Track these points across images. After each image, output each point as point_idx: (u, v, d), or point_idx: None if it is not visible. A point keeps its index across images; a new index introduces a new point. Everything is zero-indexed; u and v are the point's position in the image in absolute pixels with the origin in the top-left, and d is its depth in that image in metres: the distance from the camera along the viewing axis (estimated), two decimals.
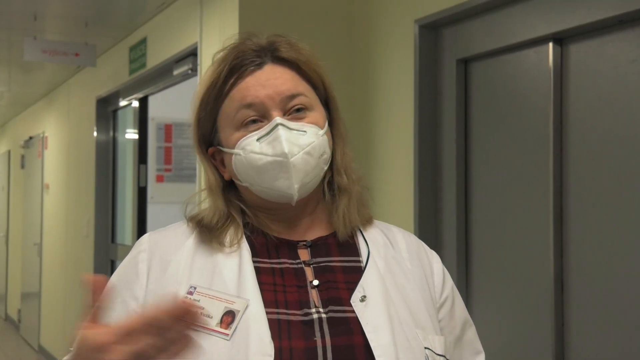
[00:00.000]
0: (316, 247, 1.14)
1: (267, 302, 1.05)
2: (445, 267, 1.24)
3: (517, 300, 2.24)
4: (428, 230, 2.54)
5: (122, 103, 4.89)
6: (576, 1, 2.02)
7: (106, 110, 5.26)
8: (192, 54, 3.49)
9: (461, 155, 2.47)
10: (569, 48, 2.10)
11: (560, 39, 2.12)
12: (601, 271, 1.99)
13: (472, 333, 1.23)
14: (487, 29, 2.34)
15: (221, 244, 1.11)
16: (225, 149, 1.13)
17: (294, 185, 1.08)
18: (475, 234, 2.44)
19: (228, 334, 1.02)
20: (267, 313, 1.04)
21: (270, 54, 1.13)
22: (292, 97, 1.11)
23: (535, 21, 2.15)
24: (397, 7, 2.71)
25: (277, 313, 1.05)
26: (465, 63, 2.48)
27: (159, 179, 4.83)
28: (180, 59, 3.65)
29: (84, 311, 0.87)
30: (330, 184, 1.17)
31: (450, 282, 1.22)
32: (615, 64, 1.96)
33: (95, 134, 5.26)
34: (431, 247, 1.27)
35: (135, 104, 4.68)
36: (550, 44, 2.12)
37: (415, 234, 2.57)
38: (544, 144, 2.13)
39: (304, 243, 1.14)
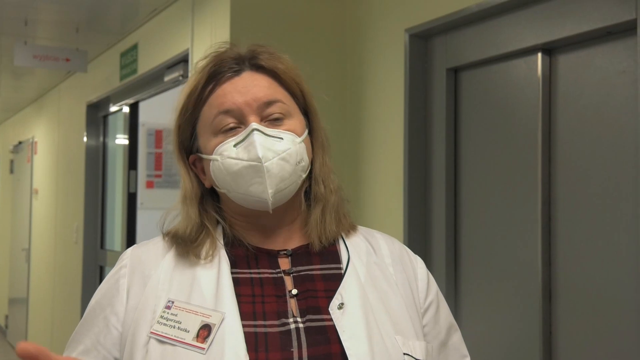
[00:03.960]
0: (297, 255, 1.14)
1: (245, 315, 1.05)
2: (434, 274, 1.24)
3: (506, 309, 2.25)
4: (417, 237, 2.55)
5: (113, 109, 4.88)
6: (565, 12, 2.04)
7: (96, 116, 5.24)
8: (183, 61, 3.49)
9: (451, 164, 2.48)
10: (558, 58, 2.12)
11: (549, 50, 2.14)
12: (589, 280, 2.00)
13: (457, 338, 1.23)
14: (477, 38, 2.36)
15: (197, 257, 1.11)
16: (203, 156, 1.14)
17: (267, 189, 1.08)
18: (464, 242, 2.45)
19: (204, 348, 1.02)
20: (244, 326, 1.04)
21: (249, 61, 1.15)
22: (269, 103, 1.12)
23: (525, 32, 2.16)
24: (387, 16, 2.73)
25: (255, 325, 1.05)
26: (455, 72, 2.49)
27: (149, 184, 4.82)
28: (171, 66, 3.64)
29: None
30: (308, 194, 1.18)
31: (434, 287, 1.22)
32: (603, 75, 1.98)
33: (85, 139, 5.24)
34: (420, 255, 1.27)
35: (126, 109, 4.67)
36: (539, 54, 2.13)
37: (404, 242, 2.60)
38: (533, 153, 2.15)
39: (285, 252, 1.14)
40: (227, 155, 1.09)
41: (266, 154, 1.08)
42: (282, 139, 1.10)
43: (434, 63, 2.55)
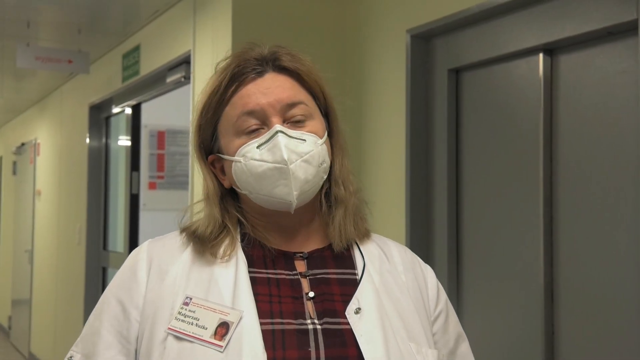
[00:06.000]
0: (312, 258, 1.15)
1: (262, 313, 1.06)
2: (437, 275, 1.25)
3: (508, 308, 2.25)
4: (419, 238, 2.55)
5: (115, 110, 4.89)
6: (566, 13, 2.04)
7: (99, 117, 5.25)
8: (185, 62, 3.50)
9: (452, 164, 2.48)
10: (559, 59, 2.12)
11: (551, 50, 2.14)
12: (590, 279, 2.00)
13: (465, 347, 1.24)
14: (479, 39, 2.36)
15: (213, 255, 1.11)
16: (225, 157, 1.14)
17: (293, 192, 1.09)
18: (466, 243, 2.45)
19: (222, 346, 1.03)
20: (262, 324, 1.05)
21: (272, 63, 1.15)
22: (292, 105, 1.12)
23: (526, 32, 2.17)
24: (389, 17, 2.73)
25: (272, 323, 1.06)
26: (456, 73, 2.50)
27: (152, 186, 4.83)
28: (173, 67, 3.65)
29: None
30: (328, 195, 1.18)
31: (444, 297, 1.23)
32: (604, 75, 1.98)
33: (87, 140, 5.25)
34: (422, 256, 1.28)
35: (128, 111, 4.68)
36: (541, 55, 2.14)
37: (406, 243, 2.61)
38: (534, 153, 2.15)
39: (301, 255, 1.15)
40: (251, 157, 1.10)
41: (290, 156, 1.08)
42: (304, 140, 1.11)
43: (435, 64, 2.56)
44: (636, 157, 1.87)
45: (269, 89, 1.12)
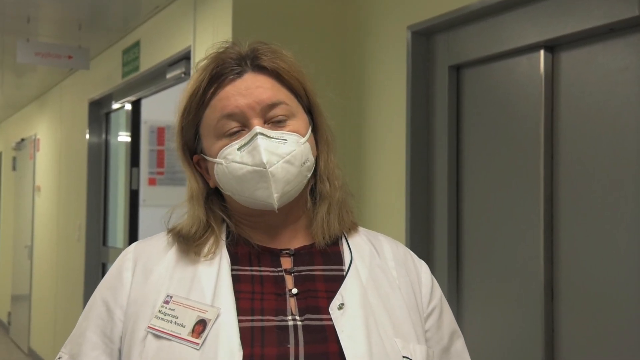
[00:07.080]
0: (299, 255, 1.14)
1: (243, 310, 1.06)
2: (436, 275, 1.24)
3: (508, 308, 2.25)
4: (420, 235, 2.54)
5: (115, 106, 4.88)
6: (568, 9, 2.03)
7: (99, 113, 5.25)
8: (185, 58, 3.49)
9: (453, 162, 2.48)
10: (560, 56, 2.12)
11: (552, 47, 2.13)
12: (591, 278, 2.00)
13: (460, 344, 1.21)
14: (480, 36, 2.35)
15: (197, 254, 1.11)
16: (208, 158, 1.13)
17: (273, 194, 1.08)
18: (466, 240, 2.45)
19: (198, 343, 1.03)
20: (241, 321, 1.04)
21: (251, 62, 1.13)
22: (273, 105, 1.11)
23: (527, 29, 2.16)
24: (389, 13, 2.72)
25: (252, 320, 1.05)
26: (457, 69, 2.49)
27: (152, 182, 4.82)
28: (173, 63, 3.65)
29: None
30: (313, 192, 1.17)
31: (438, 292, 1.21)
32: (605, 72, 1.98)
33: (87, 136, 5.25)
34: (422, 255, 1.26)
35: (128, 107, 4.67)
36: (542, 52, 2.13)
37: (406, 242, 2.61)
38: (535, 150, 2.14)
39: (287, 251, 1.14)
40: (232, 159, 1.09)
41: (270, 159, 1.07)
42: (285, 140, 1.09)
43: (436, 60, 2.55)
44: (637, 154, 1.86)
45: (248, 90, 1.10)
